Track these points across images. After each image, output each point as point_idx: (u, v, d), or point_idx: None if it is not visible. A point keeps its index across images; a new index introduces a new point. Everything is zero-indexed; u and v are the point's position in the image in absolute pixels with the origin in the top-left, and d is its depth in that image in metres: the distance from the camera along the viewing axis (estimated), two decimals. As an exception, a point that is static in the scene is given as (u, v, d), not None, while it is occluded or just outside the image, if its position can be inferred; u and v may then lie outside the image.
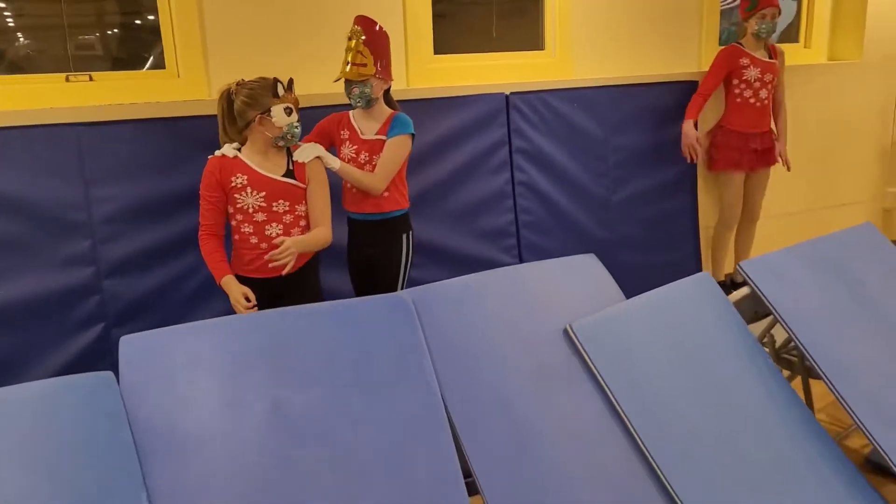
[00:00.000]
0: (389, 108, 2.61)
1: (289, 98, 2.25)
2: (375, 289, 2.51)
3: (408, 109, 2.67)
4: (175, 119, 2.71)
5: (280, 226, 2.30)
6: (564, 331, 1.94)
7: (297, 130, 2.29)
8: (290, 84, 2.28)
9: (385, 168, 2.53)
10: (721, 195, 3.85)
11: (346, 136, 2.60)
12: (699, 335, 2.09)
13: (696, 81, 3.74)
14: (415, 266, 2.75)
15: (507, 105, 3.33)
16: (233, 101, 2.26)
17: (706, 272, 2.48)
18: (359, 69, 2.47)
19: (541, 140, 3.43)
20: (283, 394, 1.60)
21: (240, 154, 2.29)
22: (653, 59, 3.74)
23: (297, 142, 2.34)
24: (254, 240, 2.30)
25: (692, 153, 3.59)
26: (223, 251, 2.33)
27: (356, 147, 2.58)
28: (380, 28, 2.53)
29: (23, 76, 2.72)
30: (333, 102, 2.77)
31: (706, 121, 3.77)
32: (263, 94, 2.22)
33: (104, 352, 2.65)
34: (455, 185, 3.26)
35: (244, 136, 2.31)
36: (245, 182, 2.26)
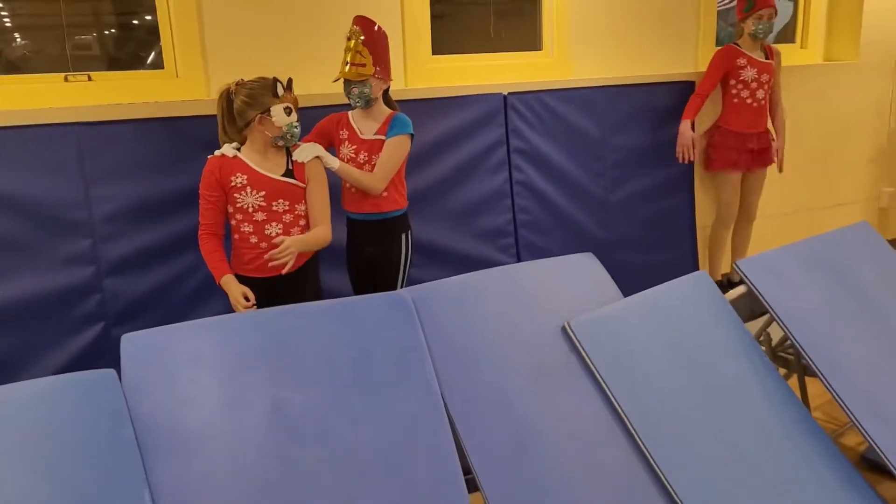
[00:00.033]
0: (388, 108, 2.62)
1: (288, 98, 2.26)
2: (375, 289, 2.50)
3: (406, 109, 2.67)
4: (174, 119, 2.71)
5: (280, 225, 2.30)
6: (563, 328, 1.95)
7: (297, 130, 2.30)
8: (290, 84, 2.28)
9: (384, 168, 2.53)
10: (718, 195, 3.86)
11: (346, 136, 2.61)
12: (696, 333, 2.10)
13: (694, 82, 3.75)
14: (413, 265, 2.75)
15: (505, 105, 3.34)
16: (232, 101, 2.26)
17: (703, 271, 2.49)
18: (358, 69, 2.48)
19: (539, 140, 3.43)
20: (284, 392, 1.61)
21: (239, 154, 2.30)
22: (650, 60, 3.75)
23: (297, 141, 2.35)
24: (253, 239, 2.31)
25: (686, 154, 3.60)
26: (223, 251, 2.33)
27: (355, 147, 2.58)
28: (378, 28, 2.54)
29: (22, 76, 2.72)
30: (332, 102, 2.77)
31: (703, 121, 3.78)
32: (263, 94, 2.22)
33: (104, 351, 2.65)
34: (453, 185, 3.27)
35: (244, 136, 2.31)
36: (245, 181, 2.27)
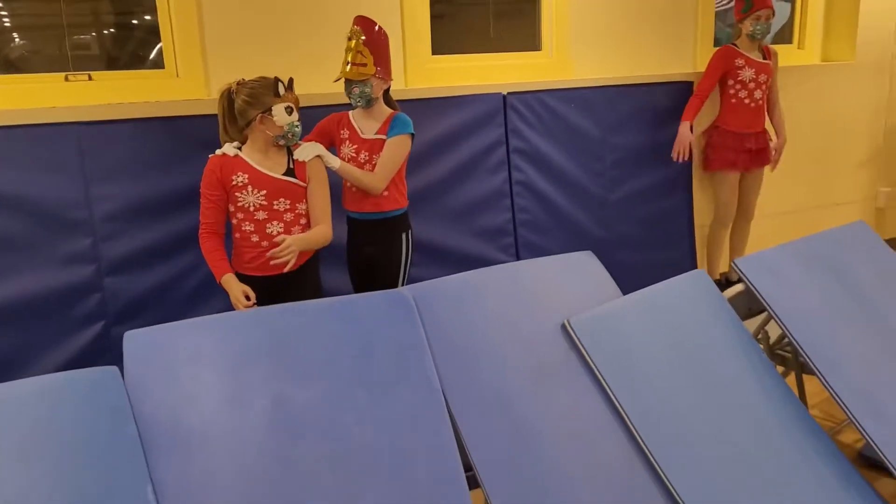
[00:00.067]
0: (389, 108, 2.62)
1: (289, 97, 2.27)
2: (375, 288, 2.49)
3: (406, 109, 2.68)
4: (174, 118, 2.72)
5: (281, 224, 2.31)
6: (562, 326, 1.96)
7: (298, 129, 2.30)
8: (291, 83, 2.29)
9: (385, 167, 2.54)
10: (716, 194, 3.87)
11: (346, 136, 2.62)
12: (695, 331, 2.11)
13: (692, 82, 3.77)
14: (413, 265, 2.76)
15: (505, 105, 3.34)
16: (233, 101, 2.27)
17: (702, 269, 2.50)
18: (359, 69, 2.49)
19: (538, 140, 3.44)
20: (285, 389, 1.62)
21: (240, 153, 2.30)
22: (649, 60, 3.76)
23: (298, 141, 2.36)
24: (255, 238, 2.31)
25: (682, 155, 3.61)
26: (223, 250, 2.33)
27: (356, 146, 2.59)
28: (379, 28, 2.54)
29: (22, 76, 2.73)
30: (333, 102, 2.78)
31: (701, 121, 3.79)
32: (265, 94, 2.23)
33: (104, 349, 2.65)
34: (453, 185, 3.27)
35: (244, 135, 2.32)
36: (246, 180, 2.27)
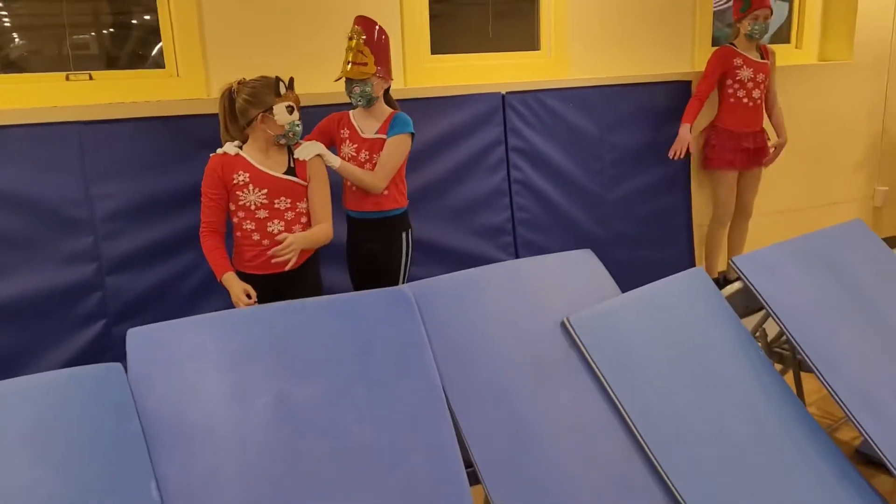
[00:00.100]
0: (389, 108, 2.64)
1: (290, 97, 2.28)
2: (376, 287, 2.53)
3: (405, 108, 2.69)
4: (174, 118, 2.73)
5: (282, 223, 2.32)
6: (562, 324, 1.97)
7: (299, 128, 2.32)
8: (291, 83, 2.30)
9: (385, 167, 2.55)
10: (714, 193, 3.89)
11: (347, 135, 2.63)
12: (693, 328, 2.12)
13: (690, 81, 3.78)
14: (413, 264, 2.78)
15: (504, 104, 3.36)
16: (234, 100, 2.28)
17: (700, 267, 2.51)
18: (360, 68, 2.50)
19: (537, 139, 3.46)
20: (287, 386, 1.62)
21: (241, 152, 2.31)
22: (647, 60, 3.78)
23: (299, 140, 2.37)
24: (256, 236, 2.33)
25: (679, 154, 3.62)
26: (224, 248, 2.34)
27: (356, 146, 2.60)
28: (380, 28, 2.55)
29: (23, 75, 2.74)
30: (333, 102, 2.79)
31: (700, 120, 3.79)
32: (266, 93, 2.24)
33: (105, 348, 2.67)
34: (452, 184, 3.28)
35: (245, 135, 2.33)
36: (247, 179, 2.28)
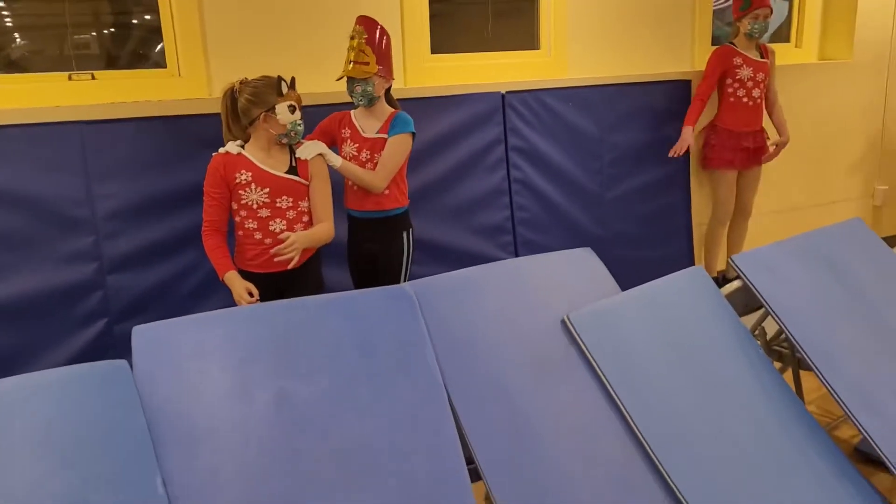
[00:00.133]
0: (390, 107, 2.64)
1: (292, 96, 2.29)
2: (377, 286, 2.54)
3: (405, 108, 2.69)
4: (176, 117, 2.73)
5: (283, 221, 2.33)
6: (562, 321, 1.98)
7: (301, 128, 2.32)
8: (293, 82, 2.31)
9: (386, 166, 2.56)
10: (714, 192, 3.89)
11: (348, 135, 2.63)
12: (693, 326, 2.13)
13: (689, 80, 3.79)
14: (413, 262, 2.79)
15: (503, 104, 3.36)
16: (237, 99, 2.29)
17: (700, 266, 2.52)
18: (362, 67, 2.50)
19: (536, 138, 3.46)
20: (290, 383, 1.64)
21: (243, 151, 2.32)
22: (646, 59, 3.78)
23: (301, 139, 2.38)
24: (258, 235, 2.33)
25: (678, 152, 3.64)
26: (226, 247, 2.35)
27: (357, 145, 2.61)
28: (381, 28, 2.56)
29: (26, 75, 2.74)
30: (333, 101, 2.80)
31: (700, 120, 3.80)
32: (268, 92, 2.25)
33: (107, 347, 2.67)
34: (452, 183, 3.29)
35: (247, 134, 2.33)
36: (249, 178, 2.29)
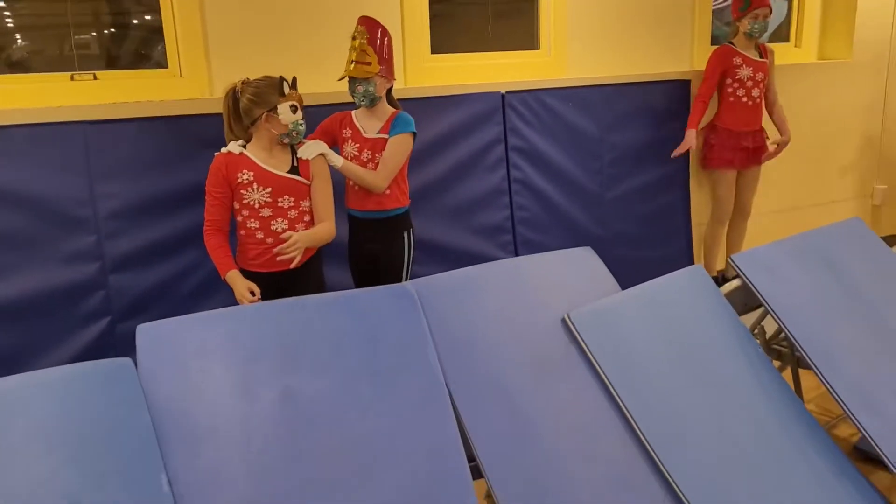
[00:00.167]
0: (391, 107, 2.65)
1: (294, 96, 2.30)
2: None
3: (405, 108, 2.70)
4: (178, 117, 2.74)
5: (285, 221, 2.34)
6: (563, 320, 1.99)
7: (302, 128, 2.33)
8: (295, 82, 2.32)
9: (387, 166, 2.56)
10: (713, 192, 3.90)
11: (349, 135, 2.64)
12: (693, 325, 2.14)
13: (689, 80, 3.80)
14: (414, 262, 2.80)
15: (503, 104, 3.37)
16: (238, 99, 2.29)
17: (699, 265, 2.53)
18: (363, 67, 2.51)
19: (536, 138, 3.47)
20: (293, 381, 1.65)
21: (245, 151, 2.33)
22: (646, 59, 3.79)
23: (302, 139, 2.39)
24: (260, 235, 2.34)
25: (679, 152, 3.66)
26: (228, 246, 2.36)
27: (358, 145, 2.61)
28: (383, 28, 2.57)
29: (28, 75, 2.75)
30: (334, 101, 2.81)
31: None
32: (270, 93, 2.26)
33: (109, 346, 2.68)
34: (452, 183, 3.30)
35: (249, 134, 2.34)
36: (251, 178, 2.30)
